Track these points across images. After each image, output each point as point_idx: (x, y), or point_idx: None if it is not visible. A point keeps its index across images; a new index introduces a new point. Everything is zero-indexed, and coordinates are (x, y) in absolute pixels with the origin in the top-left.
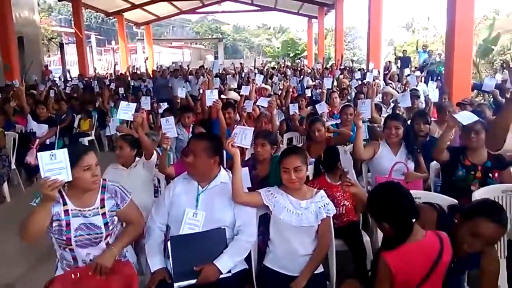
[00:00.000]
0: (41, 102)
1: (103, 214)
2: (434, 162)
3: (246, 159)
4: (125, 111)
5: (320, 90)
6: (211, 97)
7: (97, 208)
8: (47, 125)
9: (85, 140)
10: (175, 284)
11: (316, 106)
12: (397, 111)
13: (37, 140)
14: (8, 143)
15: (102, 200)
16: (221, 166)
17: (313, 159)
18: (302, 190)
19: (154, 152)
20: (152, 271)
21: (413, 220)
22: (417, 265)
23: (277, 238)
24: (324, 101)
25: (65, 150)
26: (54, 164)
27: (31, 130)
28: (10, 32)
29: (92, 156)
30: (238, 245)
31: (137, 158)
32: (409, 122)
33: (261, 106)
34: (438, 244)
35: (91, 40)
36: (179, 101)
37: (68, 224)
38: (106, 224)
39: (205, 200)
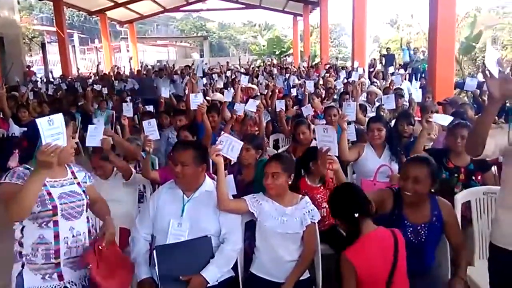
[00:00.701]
0: (23, 106)
1: (78, 184)
2: None
3: (232, 163)
4: (93, 136)
5: (304, 87)
6: (196, 100)
7: (71, 178)
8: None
9: None
10: None
11: (302, 108)
12: (381, 112)
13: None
14: None
15: (73, 172)
16: (206, 174)
17: None
18: (286, 196)
19: (133, 171)
20: (138, 281)
21: (356, 215)
22: (375, 257)
23: (263, 245)
24: (308, 104)
25: (61, 114)
26: (52, 130)
27: (13, 135)
28: None
29: (70, 128)
30: (224, 255)
31: (115, 169)
32: (393, 122)
33: (249, 110)
34: (391, 236)
35: (74, 39)
36: (162, 101)
37: (49, 193)
38: (84, 192)
39: (190, 209)
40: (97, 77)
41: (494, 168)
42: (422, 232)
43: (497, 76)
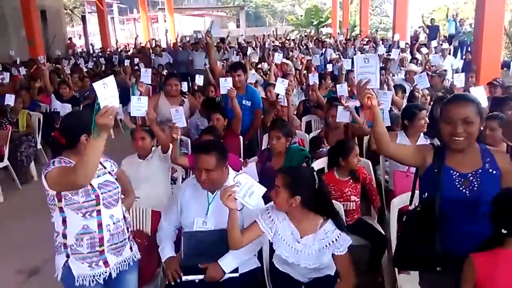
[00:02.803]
0: (64, 82)
1: (109, 173)
2: None
3: (262, 149)
4: (138, 107)
5: (342, 64)
6: (225, 85)
7: (102, 168)
8: (70, 105)
9: None
10: (183, 277)
11: (337, 86)
12: (416, 92)
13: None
14: (34, 123)
15: (101, 163)
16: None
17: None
18: (307, 217)
19: (171, 145)
20: (164, 259)
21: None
22: (500, 276)
23: (280, 260)
24: (344, 82)
25: (112, 77)
26: (107, 93)
27: (55, 110)
28: (32, 6)
29: None
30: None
31: (153, 148)
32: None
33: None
34: None
35: (113, 9)
36: (196, 87)
37: (90, 184)
38: (116, 180)
39: (215, 206)
40: (135, 50)
41: None
42: (475, 180)
43: None
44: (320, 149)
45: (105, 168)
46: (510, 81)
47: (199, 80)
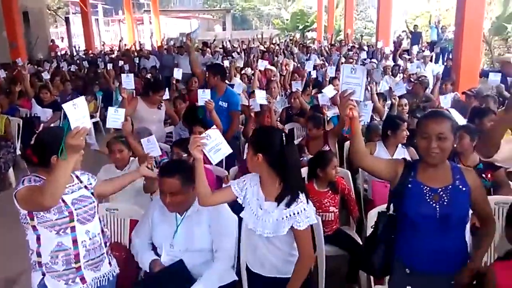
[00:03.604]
0: (44, 87)
1: (85, 187)
2: None
3: (244, 158)
4: (114, 119)
5: (325, 69)
6: (203, 96)
7: (78, 183)
8: (51, 110)
9: (90, 122)
10: None
11: (318, 96)
12: (393, 99)
13: (42, 125)
14: (13, 129)
15: (77, 177)
16: None
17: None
18: (272, 185)
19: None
20: (147, 265)
21: None
22: None
23: (247, 238)
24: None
25: (83, 97)
26: (78, 113)
27: (35, 115)
28: (14, 7)
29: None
30: (212, 272)
31: (131, 159)
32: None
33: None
34: None
35: (98, 10)
36: (174, 82)
37: (63, 200)
38: (92, 194)
39: (184, 230)
40: (119, 53)
41: None
42: (445, 195)
43: None
44: (301, 158)
45: (81, 182)
46: (489, 90)
47: (178, 74)
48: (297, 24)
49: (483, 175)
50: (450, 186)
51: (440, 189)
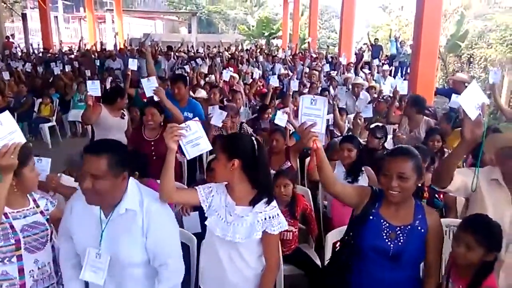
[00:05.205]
0: None
1: (41, 212)
2: None
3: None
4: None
5: (288, 79)
6: (150, 85)
7: (33, 207)
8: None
9: (45, 126)
10: None
11: (276, 117)
12: (358, 120)
13: None
14: None
15: (35, 200)
16: (129, 182)
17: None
18: (244, 190)
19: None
20: None
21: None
22: None
23: (208, 252)
24: (288, 107)
25: (7, 112)
26: (4, 131)
27: None
28: None
29: (32, 159)
30: None
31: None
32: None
33: (215, 125)
34: None
35: (58, 6)
36: (129, 73)
37: (12, 226)
38: (47, 220)
39: (109, 235)
40: (78, 53)
41: None
42: (401, 234)
43: (473, 119)
44: None
45: (37, 207)
46: (444, 108)
47: (133, 64)
48: (262, 31)
49: (436, 195)
50: (409, 226)
51: (398, 228)
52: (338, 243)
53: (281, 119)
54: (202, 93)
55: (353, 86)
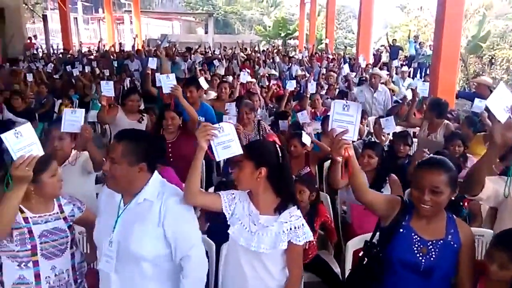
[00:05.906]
0: (17, 92)
1: (64, 219)
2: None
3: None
4: (71, 122)
5: (305, 81)
6: (168, 82)
7: (57, 213)
8: (25, 120)
9: None
10: None
11: (298, 114)
12: (382, 137)
13: None
14: None
15: (60, 206)
16: (153, 174)
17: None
18: (268, 199)
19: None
20: None
21: None
22: None
23: (230, 260)
24: (305, 110)
25: (29, 123)
26: (22, 142)
27: (10, 120)
28: None
29: (55, 162)
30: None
31: (76, 153)
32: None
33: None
34: None
35: (78, 7)
36: (149, 72)
37: (30, 231)
38: (69, 227)
39: (124, 223)
40: (97, 54)
41: None
42: (433, 249)
43: (503, 122)
44: None
45: (61, 212)
46: (465, 110)
47: (152, 63)
48: (279, 31)
49: (461, 203)
50: (441, 241)
51: (430, 242)
52: (361, 253)
53: (306, 139)
54: (211, 95)
55: (370, 76)
